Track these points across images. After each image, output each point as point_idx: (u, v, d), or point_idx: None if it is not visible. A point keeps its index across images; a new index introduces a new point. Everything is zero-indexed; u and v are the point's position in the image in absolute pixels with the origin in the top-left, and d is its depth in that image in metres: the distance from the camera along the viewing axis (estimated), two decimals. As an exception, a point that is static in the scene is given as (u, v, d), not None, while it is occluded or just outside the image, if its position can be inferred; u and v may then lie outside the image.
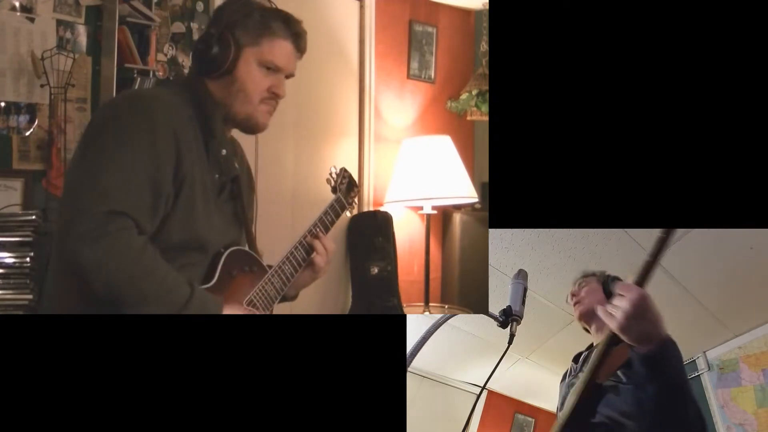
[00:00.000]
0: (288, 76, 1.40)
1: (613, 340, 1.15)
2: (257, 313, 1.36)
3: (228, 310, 1.26)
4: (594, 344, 1.47)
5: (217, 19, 1.35)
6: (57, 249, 1.26)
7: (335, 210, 1.53)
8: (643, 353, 1.03)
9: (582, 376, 1.23)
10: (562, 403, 1.41)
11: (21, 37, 2.17)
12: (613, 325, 1.06)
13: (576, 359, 1.51)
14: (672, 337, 1.07)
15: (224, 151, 1.35)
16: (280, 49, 1.36)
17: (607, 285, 1.48)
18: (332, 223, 1.52)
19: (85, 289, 1.15)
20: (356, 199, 1.62)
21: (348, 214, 1.59)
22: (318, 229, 1.48)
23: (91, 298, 1.16)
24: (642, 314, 1.03)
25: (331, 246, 1.49)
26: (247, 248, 1.43)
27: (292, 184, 2.81)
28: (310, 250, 1.46)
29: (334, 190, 1.57)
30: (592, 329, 1.48)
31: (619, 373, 1.23)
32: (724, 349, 2.73)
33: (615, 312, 1.05)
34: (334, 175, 1.57)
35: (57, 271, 1.27)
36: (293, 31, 1.38)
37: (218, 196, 1.35)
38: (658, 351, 1.03)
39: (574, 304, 1.50)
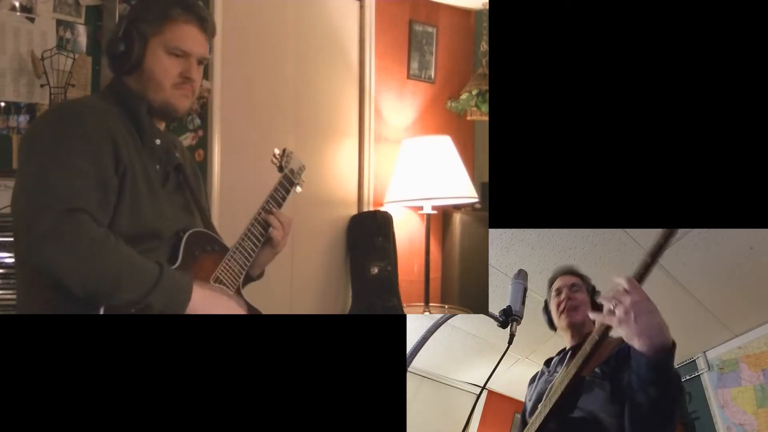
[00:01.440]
0: (201, 61, 1.42)
1: (603, 338, 1.14)
2: (226, 288, 1.40)
3: (197, 289, 1.29)
4: (567, 348, 1.48)
5: (123, 18, 1.39)
6: (21, 256, 1.28)
7: (284, 186, 1.60)
8: (654, 360, 1.00)
9: (567, 372, 1.23)
10: (534, 403, 1.39)
11: (21, 37, 2.17)
12: (629, 336, 1.02)
13: (547, 363, 1.52)
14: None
15: (158, 141, 1.40)
16: (184, 33, 1.38)
17: (593, 297, 1.49)
18: (283, 198, 1.58)
19: (60, 289, 1.16)
20: (303, 177, 1.68)
21: (298, 189, 1.65)
22: (271, 206, 1.54)
23: (67, 297, 1.17)
24: (658, 328, 1.01)
25: (286, 219, 1.54)
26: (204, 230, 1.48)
27: (292, 184, 2.81)
28: (266, 226, 1.51)
29: (280, 168, 1.63)
30: (569, 335, 1.49)
31: (597, 369, 1.24)
32: (724, 349, 2.73)
33: (629, 325, 1.01)
34: (277, 156, 1.64)
35: (25, 276, 1.30)
36: (197, 14, 1.39)
37: (163, 186, 1.40)
38: (666, 358, 1.01)
39: (570, 309, 1.46)
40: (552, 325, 1.55)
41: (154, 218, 1.33)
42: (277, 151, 1.65)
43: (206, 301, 1.30)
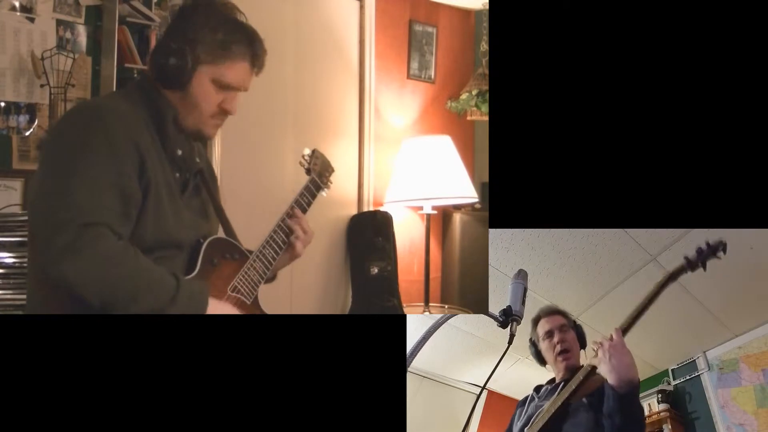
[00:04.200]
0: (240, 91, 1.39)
1: (586, 378, 1.35)
2: (242, 299, 1.37)
3: (213, 298, 1.28)
4: (558, 381, 1.54)
5: (179, 29, 1.32)
6: (37, 265, 1.26)
7: (310, 191, 1.56)
8: (621, 393, 1.24)
9: (554, 402, 1.38)
10: (522, 427, 1.49)
11: (21, 37, 2.17)
12: (604, 372, 1.27)
13: (537, 390, 1.58)
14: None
15: (180, 152, 1.36)
16: (236, 70, 1.35)
17: (580, 333, 1.59)
18: (309, 204, 1.54)
19: (76, 301, 1.15)
20: (332, 179, 1.63)
21: (324, 193, 1.60)
22: (295, 211, 1.50)
23: (80, 303, 1.16)
24: (627, 367, 1.26)
25: (309, 228, 1.51)
26: (224, 236, 1.45)
27: (292, 184, 2.81)
28: (289, 232, 1.48)
29: (308, 171, 1.59)
30: (559, 370, 1.55)
31: (584, 400, 1.37)
32: (724, 349, 2.73)
33: (606, 363, 1.27)
34: (306, 158, 1.59)
35: (39, 282, 1.28)
36: (254, 51, 1.37)
37: (182, 194, 1.37)
38: (631, 393, 1.25)
39: (563, 351, 1.55)
40: (541, 362, 1.62)
41: (176, 228, 1.31)
42: (306, 152, 1.60)
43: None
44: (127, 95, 1.37)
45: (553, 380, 1.56)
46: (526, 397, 1.59)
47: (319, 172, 1.60)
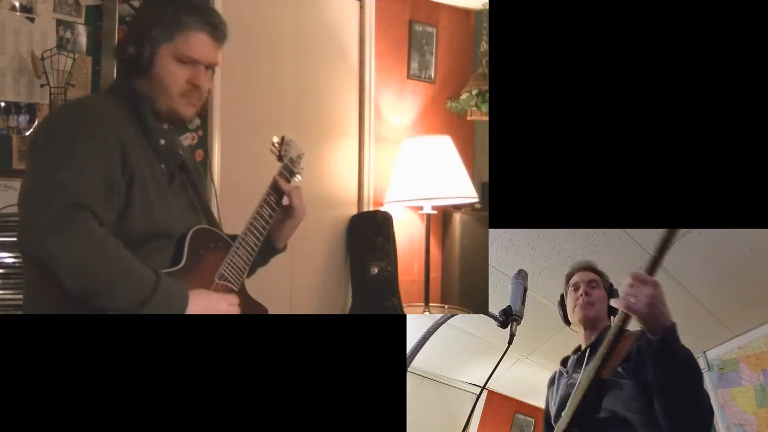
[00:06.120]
0: (209, 66, 1.41)
1: (617, 337, 1.16)
2: (230, 286, 1.39)
3: (194, 298, 1.28)
4: (582, 347, 1.47)
5: (135, 19, 1.40)
6: (20, 247, 1.25)
7: (284, 176, 1.58)
8: (658, 338, 1.05)
9: (586, 374, 1.23)
10: (560, 404, 1.40)
11: (21, 37, 2.17)
12: (636, 314, 1.07)
13: (564, 363, 1.51)
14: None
15: (162, 141, 1.39)
16: (194, 41, 1.36)
17: (611, 295, 1.48)
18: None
19: (56, 284, 1.16)
20: (302, 165, 1.66)
21: (298, 178, 1.62)
22: (271, 198, 1.53)
23: (65, 297, 1.17)
24: (660, 303, 1.06)
25: (291, 187, 1.56)
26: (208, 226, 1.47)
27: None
28: (269, 219, 1.51)
29: (279, 158, 1.61)
30: (585, 333, 1.47)
31: (619, 369, 1.24)
32: (724, 349, 2.73)
33: (636, 302, 1.06)
34: (276, 144, 1.62)
35: (32, 276, 1.29)
36: (209, 21, 1.38)
37: (170, 185, 1.39)
38: (670, 335, 1.06)
39: (585, 303, 1.46)
40: (566, 320, 1.54)
41: (165, 218, 1.33)
42: (275, 140, 1.62)
43: (202, 308, 1.29)
44: (108, 92, 1.43)
45: (578, 348, 1.49)
46: (554, 375, 1.52)
47: (291, 158, 1.61)
